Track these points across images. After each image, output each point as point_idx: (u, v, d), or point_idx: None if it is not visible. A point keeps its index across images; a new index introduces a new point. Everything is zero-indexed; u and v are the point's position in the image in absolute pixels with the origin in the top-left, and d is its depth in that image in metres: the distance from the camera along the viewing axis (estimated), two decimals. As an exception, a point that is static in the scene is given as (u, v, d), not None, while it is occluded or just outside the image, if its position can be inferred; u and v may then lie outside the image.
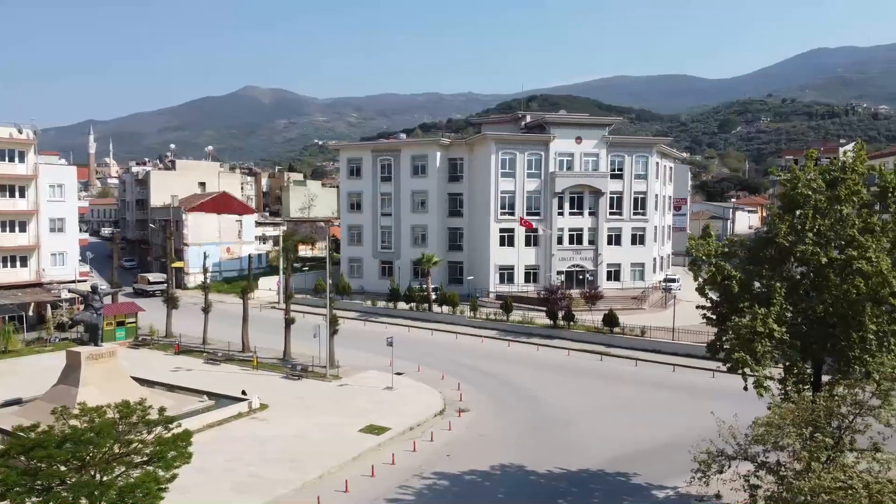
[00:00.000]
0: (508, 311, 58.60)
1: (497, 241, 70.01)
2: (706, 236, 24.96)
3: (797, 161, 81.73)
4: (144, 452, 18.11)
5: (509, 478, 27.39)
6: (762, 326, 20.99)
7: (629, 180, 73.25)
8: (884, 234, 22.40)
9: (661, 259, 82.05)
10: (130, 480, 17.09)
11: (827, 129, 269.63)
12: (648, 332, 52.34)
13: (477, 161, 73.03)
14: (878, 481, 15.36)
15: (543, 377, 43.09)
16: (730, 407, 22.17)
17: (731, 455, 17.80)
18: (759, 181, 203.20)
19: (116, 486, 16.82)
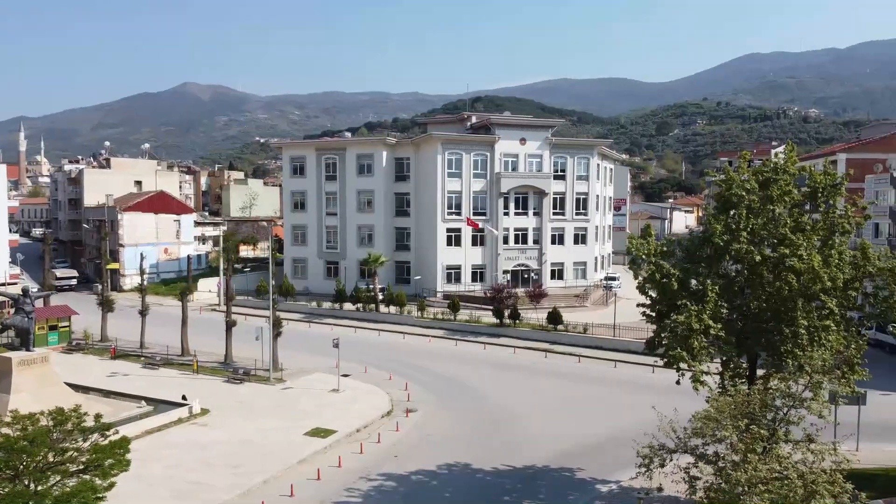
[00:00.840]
0: (456, 311, 58.81)
1: (444, 241, 70.15)
2: (646, 236, 25.61)
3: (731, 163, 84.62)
4: (80, 461, 17.54)
5: (456, 477, 27.47)
6: (698, 323, 21.65)
7: (571, 181, 74.56)
8: (814, 233, 23.41)
9: (603, 258, 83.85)
10: (66, 490, 16.53)
11: (759, 132, 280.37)
12: (591, 329, 53.40)
13: (423, 161, 73.01)
14: (813, 471, 16.02)
15: (490, 375, 43.41)
16: (670, 401, 22.77)
17: (672, 448, 18.26)
18: (695, 182, 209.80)
19: (52, 495, 16.23)
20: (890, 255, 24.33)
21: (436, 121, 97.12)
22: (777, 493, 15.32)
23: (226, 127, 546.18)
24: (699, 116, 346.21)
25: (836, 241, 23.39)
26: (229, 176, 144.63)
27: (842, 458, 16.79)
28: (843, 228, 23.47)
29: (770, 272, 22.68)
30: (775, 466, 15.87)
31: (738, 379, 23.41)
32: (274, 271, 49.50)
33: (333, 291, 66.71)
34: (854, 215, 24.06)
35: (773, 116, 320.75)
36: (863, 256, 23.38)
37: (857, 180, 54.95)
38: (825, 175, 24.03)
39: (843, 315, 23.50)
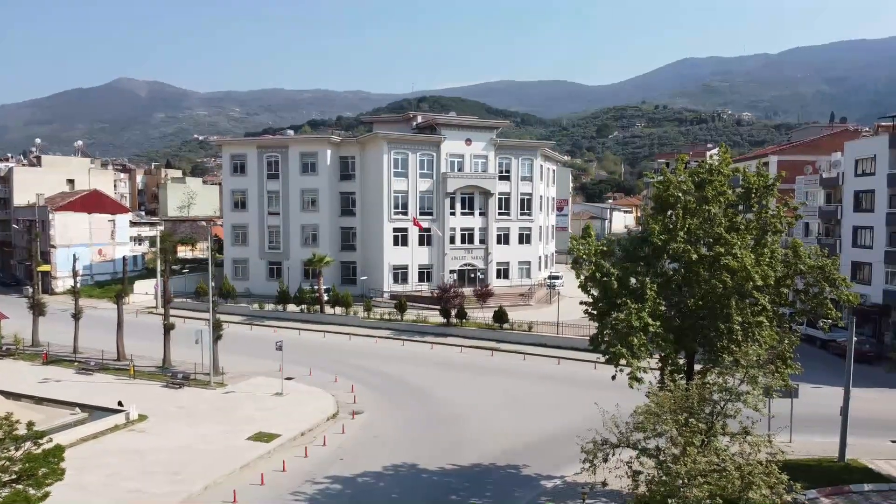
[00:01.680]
0: (403, 311, 58.67)
1: (391, 241, 69.89)
2: (587, 236, 26.13)
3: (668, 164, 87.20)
4: (13, 470, 16.89)
5: (403, 477, 27.40)
6: (637, 321, 22.20)
7: (516, 182, 75.45)
8: (748, 232, 24.30)
9: (546, 257, 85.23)
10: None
11: (696, 134, 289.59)
12: (535, 327, 54.15)
13: (369, 160, 72.56)
14: (749, 463, 16.61)
15: (437, 375, 43.48)
16: (612, 397, 23.25)
17: (615, 443, 18.63)
18: (633, 183, 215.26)
19: (-19, 507, 15.40)
20: (819, 253, 25.47)
21: (381, 120, 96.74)
22: (716, 485, 15.82)
23: (163, 124, 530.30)
24: (638, 119, 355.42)
25: (768, 241, 24.34)
26: (167, 174, 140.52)
27: (776, 449, 17.46)
28: (776, 228, 24.45)
29: (706, 270, 23.41)
30: (714, 459, 16.39)
31: (677, 374, 24.10)
32: (214, 272, 48.34)
33: (276, 293, 65.53)
34: (785, 215, 25.10)
35: (708, 119, 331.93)
36: (794, 255, 24.41)
37: (788, 181, 57.19)
38: (758, 176, 24.97)
39: (776, 311, 24.49)
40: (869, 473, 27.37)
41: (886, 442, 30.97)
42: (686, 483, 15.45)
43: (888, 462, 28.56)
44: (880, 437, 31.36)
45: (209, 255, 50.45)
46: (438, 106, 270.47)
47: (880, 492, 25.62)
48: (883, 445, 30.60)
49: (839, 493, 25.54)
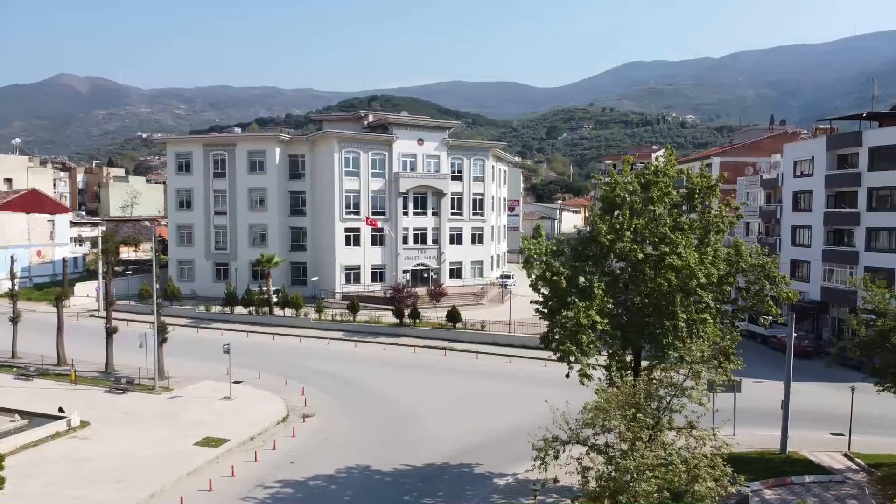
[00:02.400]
0: (355, 312, 58.21)
1: (342, 241, 69.30)
2: (537, 236, 26.49)
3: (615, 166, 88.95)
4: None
5: (356, 479, 27.20)
6: (586, 319, 22.57)
7: (468, 182, 75.83)
8: (691, 232, 24.94)
9: (498, 257, 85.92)
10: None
11: (641, 136, 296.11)
12: (488, 326, 54.53)
13: (319, 159, 71.79)
14: (695, 456, 17.05)
15: (391, 375, 43.31)
16: (563, 394, 23.55)
17: (565, 440, 18.84)
18: (582, 184, 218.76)
19: None
20: (760, 252, 26.34)
21: (332, 118, 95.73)
22: (663, 479, 16.19)
23: (105, 121, 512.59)
24: (586, 121, 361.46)
25: (711, 240, 25.04)
26: (109, 173, 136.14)
27: (721, 443, 17.98)
28: (718, 227, 25.17)
29: (652, 269, 23.92)
30: (661, 453, 16.76)
31: (625, 371, 24.60)
32: (158, 274, 47.02)
33: (223, 294, 64.08)
34: (728, 215, 25.87)
35: (653, 122, 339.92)
36: (736, 253, 25.17)
37: (730, 182, 59.09)
38: (701, 177, 25.66)
39: (719, 308, 25.20)
40: (810, 465, 28.44)
41: (826, 434, 32.23)
42: (635, 478, 15.76)
43: (828, 454, 29.74)
44: (820, 429, 32.62)
45: (153, 256, 49.06)
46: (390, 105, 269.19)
47: (821, 483, 26.64)
48: (822, 437, 31.84)
49: (781, 484, 26.47)
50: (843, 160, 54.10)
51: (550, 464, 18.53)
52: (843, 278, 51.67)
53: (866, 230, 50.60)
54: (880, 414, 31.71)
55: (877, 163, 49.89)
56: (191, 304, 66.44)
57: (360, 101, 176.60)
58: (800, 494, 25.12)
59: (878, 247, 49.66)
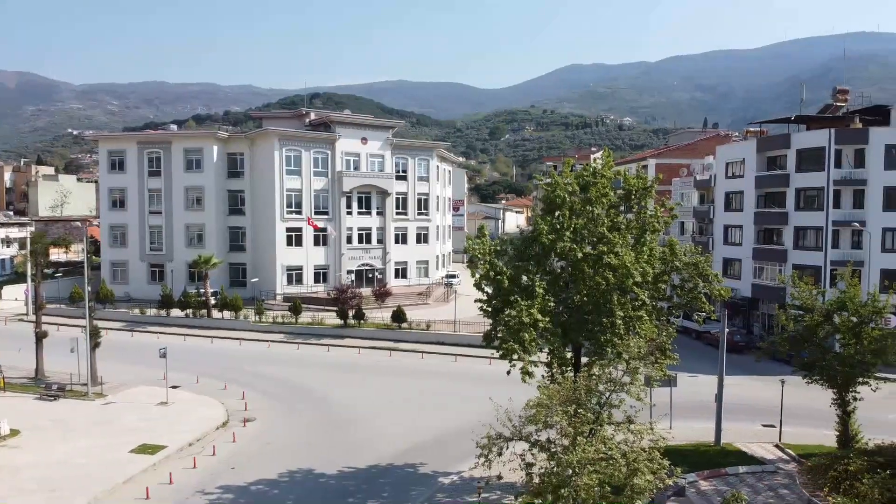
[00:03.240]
0: (297, 313, 57.37)
1: (284, 241, 68.20)
2: (481, 236, 26.72)
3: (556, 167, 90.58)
4: None
5: (299, 483, 26.84)
6: (528, 317, 22.92)
7: (413, 182, 75.84)
8: (628, 232, 25.62)
9: (443, 256, 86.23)
10: None
11: (581, 138, 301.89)
12: (433, 325, 54.69)
13: (259, 157, 70.44)
14: (633, 450, 17.53)
15: (334, 378, 42.89)
16: (507, 391, 23.81)
17: (509, 437, 19.07)
18: (524, 185, 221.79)
19: None
20: (694, 251, 27.27)
21: (272, 116, 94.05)
22: (604, 473, 16.59)
23: (34, 117, 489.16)
24: (528, 123, 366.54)
25: (647, 239, 25.77)
26: (38, 171, 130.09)
27: (658, 436, 18.52)
28: (654, 227, 25.94)
29: (590, 268, 24.45)
30: (601, 448, 17.16)
31: (565, 367, 25.06)
32: (90, 276, 45.24)
33: (159, 297, 62.19)
34: (662, 215, 26.68)
35: (592, 124, 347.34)
36: (671, 252, 25.98)
37: (665, 183, 60.89)
38: (638, 179, 26.39)
39: (655, 306, 25.97)
40: (743, 456, 29.58)
41: (758, 426, 33.57)
42: (576, 472, 16.07)
43: (760, 445, 31.00)
44: (752, 421, 33.95)
45: (85, 257, 47.19)
46: (332, 103, 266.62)
47: (753, 473, 27.76)
48: (754, 429, 33.15)
49: (716, 475, 27.46)
50: (772, 162, 56.46)
51: (494, 461, 18.72)
52: (772, 275, 53.94)
53: (794, 229, 52.96)
54: (809, 406, 33.15)
55: (804, 164, 52.28)
56: (125, 306, 64.26)
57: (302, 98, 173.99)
58: (734, 485, 26.10)
59: (806, 245, 52.06)
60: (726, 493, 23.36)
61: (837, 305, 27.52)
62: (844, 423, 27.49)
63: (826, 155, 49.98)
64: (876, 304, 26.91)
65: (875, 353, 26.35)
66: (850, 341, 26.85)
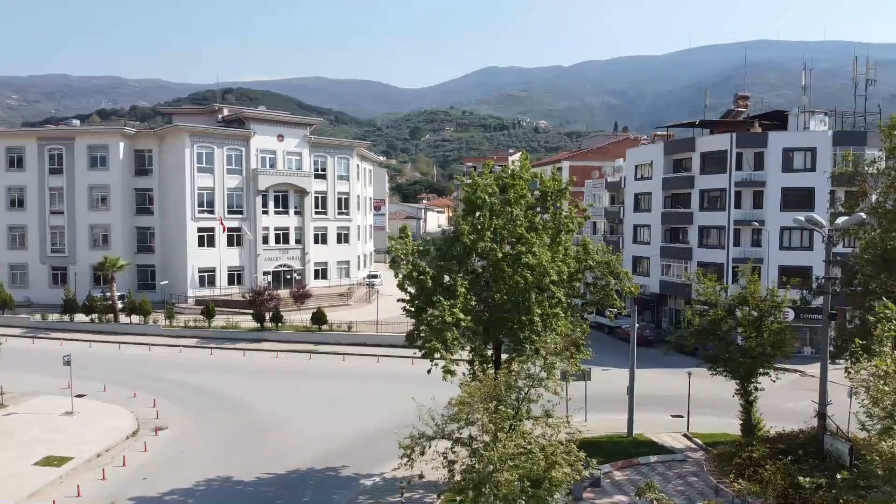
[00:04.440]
0: (211, 317, 55.58)
1: (195, 242, 65.93)
2: (404, 236, 26.84)
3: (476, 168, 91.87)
4: None
5: (216, 492, 26.06)
6: (451, 317, 23.20)
7: (332, 181, 74.97)
8: (545, 232, 26.34)
9: (365, 256, 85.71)
10: None
11: (499, 140, 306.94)
12: (355, 326, 54.26)
13: (169, 154, 67.81)
14: (552, 444, 18.04)
15: (251, 382, 41.86)
16: (430, 390, 23.91)
17: (431, 436, 19.22)
18: (445, 185, 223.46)
19: None
20: (606, 250, 28.32)
21: (182, 111, 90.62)
22: (524, 467, 17.00)
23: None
24: (447, 123, 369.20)
25: (562, 239, 26.59)
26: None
27: (574, 429, 19.14)
28: (568, 228, 26.77)
29: (510, 267, 25.00)
30: (521, 442, 17.57)
31: (486, 365, 25.50)
32: (-15, 281, 42.35)
33: (62, 301, 58.82)
34: (576, 216, 27.58)
35: (509, 126, 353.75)
36: (584, 252, 26.90)
37: (578, 185, 62.99)
38: (553, 181, 27.20)
39: (570, 303, 26.82)
40: (654, 446, 30.89)
41: (667, 416, 35.12)
42: (497, 468, 16.39)
43: (669, 435, 32.47)
44: (662, 412, 35.47)
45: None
46: (246, 99, 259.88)
47: (664, 462, 29.05)
48: (664, 419, 34.66)
49: (629, 465, 28.60)
50: (678, 164, 59.32)
51: (417, 460, 18.82)
52: (678, 272, 56.68)
53: (699, 228, 55.85)
54: (714, 396, 34.86)
55: (708, 167, 55.22)
56: (25, 312, 60.49)
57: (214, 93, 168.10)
58: (646, 474, 27.27)
59: (709, 243, 55.00)
60: (639, 482, 24.36)
61: (739, 300, 29.07)
62: (747, 412, 29.04)
63: (728, 158, 52.98)
64: (775, 299, 28.64)
65: (774, 346, 28.00)
66: (751, 334, 28.39)
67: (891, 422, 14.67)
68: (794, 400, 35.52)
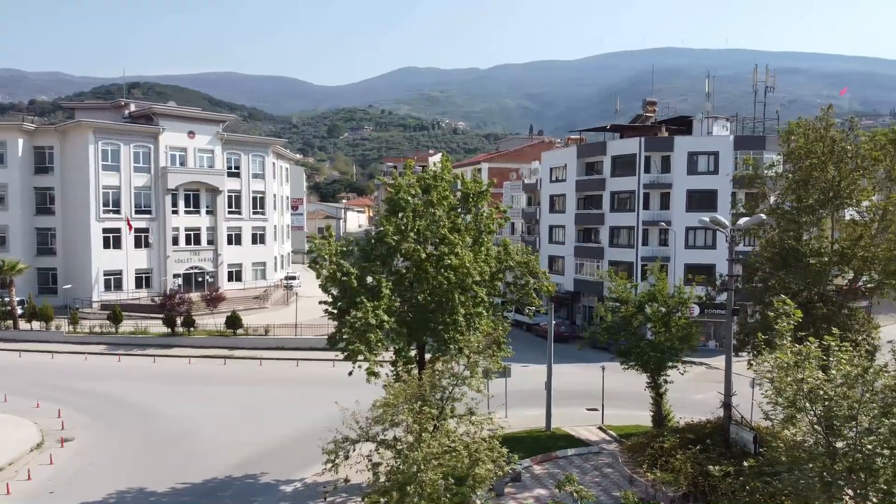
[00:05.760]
0: (118, 322, 52.99)
1: (101, 243, 62.71)
2: (327, 236, 26.52)
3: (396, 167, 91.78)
4: None
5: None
6: (374, 318, 23.13)
7: (247, 179, 72.93)
8: (467, 233, 26.70)
9: (282, 257, 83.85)
10: None
11: (419, 140, 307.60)
12: (272, 330, 53.02)
13: (71, 151, 64.15)
14: (475, 441, 18.33)
15: (162, 390, 40.23)
16: (353, 393, 23.77)
17: (355, 439, 19.10)
18: (365, 184, 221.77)
19: None
20: (524, 250, 29.01)
21: (85, 106, 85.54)
22: (448, 466, 17.20)
23: None
24: (366, 122, 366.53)
25: (484, 240, 27.06)
26: None
27: (497, 426, 19.51)
28: (489, 229, 27.27)
29: (433, 268, 25.20)
30: (445, 441, 17.76)
31: (410, 365, 25.58)
32: None
33: (-47, 308, 54.64)
34: (497, 217, 28.10)
35: (429, 127, 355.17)
36: (505, 252, 27.46)
37: (497, 186, 64.01)
38: (474, 182, 27.60)
39: (491, 302, 27.31)
40: (571, 439, 31.88)
41: (582, 410, 36.28)
42: (422, 468, 16.50)
43: (586, 428, 33.57)
44: (577, 405, 36.60)
45: None
46: (154, 94, 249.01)
47: (580, 455, 30.07)
48: (580, 413, 35.79)
49: (548, 459, 29.40)
50: (590, 167, 61.34)
51: (341, 464, 18.67)
52: (591, 271, 58.66)
53: (610, 229, 57.94)
54: (626, 390, 36.29)
55: (618, 169, 57.34)
56: None
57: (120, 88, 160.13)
58: (564, 467, 28.11)
59: (619, 243, 57.16)
60: (558, 475, 25.11)
61: (648, 297, 30.41)
62: (658, 403, 30.38)
63: (637, 161, 55.25)
64: (681, 295, 30.16)
65: (682, 340, 29.46)
66: (660, 329, 29.76)
67: (794, 411, 15.62)
68: (700, 392, 37.39)
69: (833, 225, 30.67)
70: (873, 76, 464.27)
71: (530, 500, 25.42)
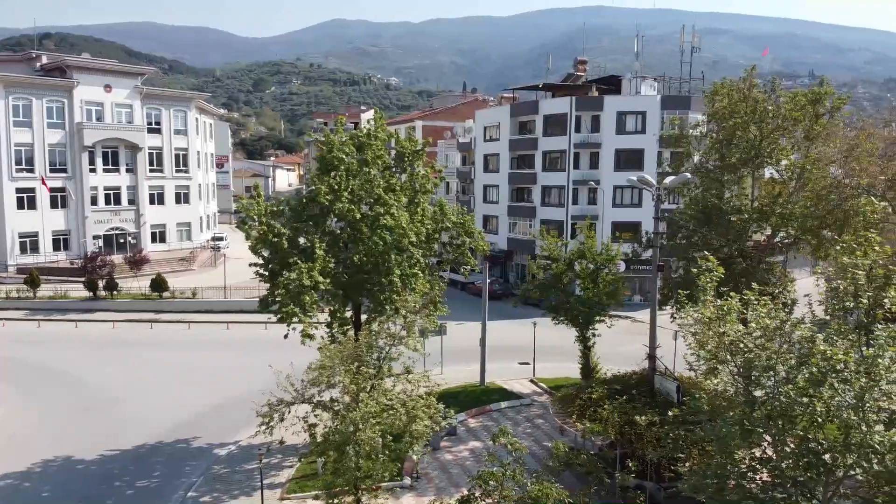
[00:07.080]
0: (35, 286, 50.49)
1: (14, 204, 59.24)
2: (256, 196, 25.77)
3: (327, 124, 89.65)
4: None
5: (54, 474, 24.21)
6: (308, 279, 22.78)
7: (168, 135, 69.83)
8: (402, 193, 26.46)
9: (208, 217, 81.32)
10: None
11: (350, 95, 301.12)
12: (200, 292, 51.59)
13: (-26, 106, 59.67)
14: (412, 398, 18.55)
15: (85, 356, 38.83)
16: (287, 356, 23.58)
17: (290, 401, 18.96)
18: (294, 141, 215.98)
19: None
20: (460, 210, 29.07)
21: (-10, 58, 79.80)
22: (385, 423, 17.38)
23: None
24: (294, 76, 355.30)
25: (420, 200, 26.89)
26: None
27: (433, 383, 19.75)
28: (425, 189, 27.10)
29: (368, 228, 24.94)
30: (382, 400, 17.90)
31: (346, 326, 25.48)
32: None
33: None
34: (432, 177, 27.97)
35: (360, 82, 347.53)
36: (441, 212, 27.44)
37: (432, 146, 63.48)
38: (409, 141, 27.28)
39: (427, 262, 27.35)
40: (504, 392, 32.77)
41: (515, 364, 37.24)
42: (360, 427, 16.61)
43: (518, 381, 34.56)
44: (510, 360, 37.56)
45: None
46: (67, 45, 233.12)
47: (514, 407, 31.00)
48: (512, 367, 36.75)
49: (482, 412, 30.16)
50: (523, 126, 61.70)
51: (276, 427, 18.57)
52: (524, 230, 59.55)
53: (542, 188, 58.75)
54: (557, 344, 37.26)
55: (550, 129, 57.91)
56: None
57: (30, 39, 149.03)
58: (497, 420, 28.93)
59: (551, 202, 58.12)
60: (492, 427, 25.74)
61: (577, 255, 31.12)
62: (586, 356, 31.47)
63: (568, 121, 55.90)
64: (609, 252, 31.05)
65: (609, 295, 30.45)
66: (588, 286, 30.62)
67: (715, 363, 16.38)
68: (626, 344, 38.78)
69: (753, 183, 31.97)
70: (794, 37, 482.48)
71: (465, 452, 26.10)
